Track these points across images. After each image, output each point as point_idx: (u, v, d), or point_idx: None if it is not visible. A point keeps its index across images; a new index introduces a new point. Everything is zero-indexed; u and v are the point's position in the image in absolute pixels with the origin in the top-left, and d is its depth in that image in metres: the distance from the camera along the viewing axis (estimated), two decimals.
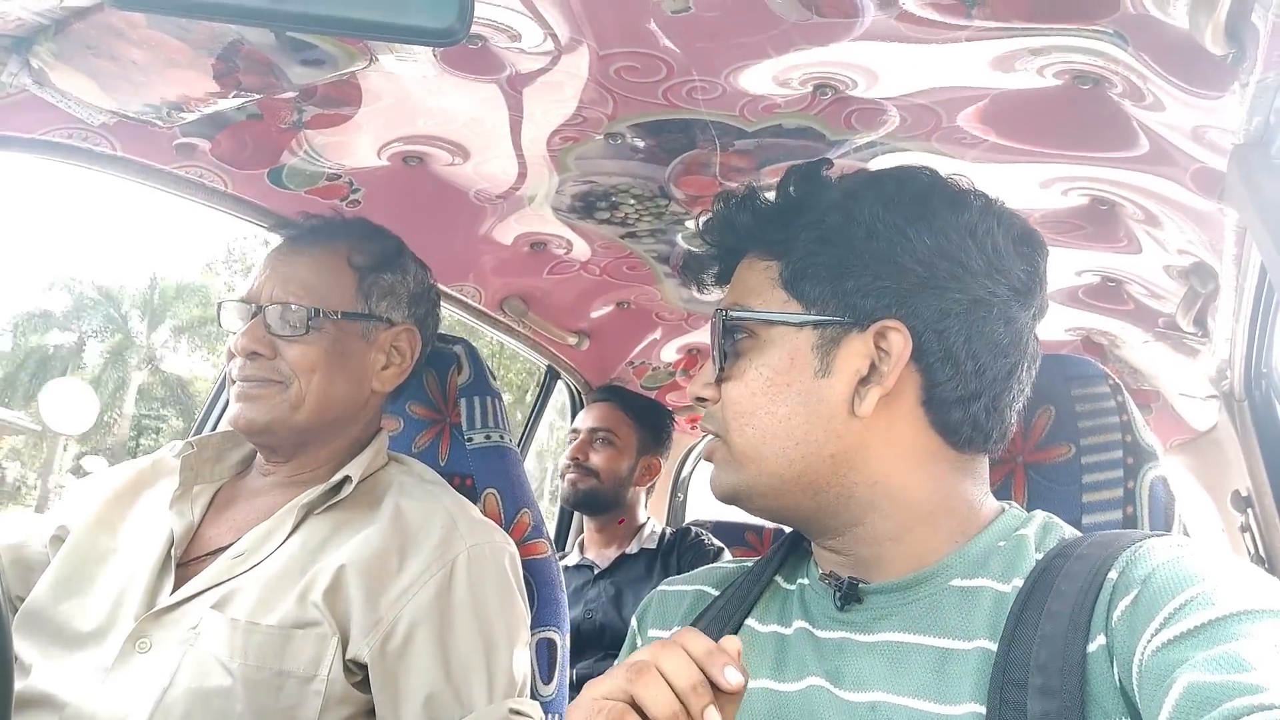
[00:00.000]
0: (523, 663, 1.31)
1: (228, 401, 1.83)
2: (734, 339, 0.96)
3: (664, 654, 0.69)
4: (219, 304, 1.39)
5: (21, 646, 1.20)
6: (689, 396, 1.01)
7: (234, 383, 1.35)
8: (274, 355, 1.32)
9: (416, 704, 1.19)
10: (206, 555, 1.29)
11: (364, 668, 1.20)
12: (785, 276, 0.94)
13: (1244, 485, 1.95)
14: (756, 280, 0.97)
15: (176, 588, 1.23)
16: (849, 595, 0.90)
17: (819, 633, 0.91)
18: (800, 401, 0.91)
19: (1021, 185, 1.53)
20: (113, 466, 1.48)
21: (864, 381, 0.90)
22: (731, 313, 0.96)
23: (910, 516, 0.91)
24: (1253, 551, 1.91)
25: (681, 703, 0.67)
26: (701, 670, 0.68)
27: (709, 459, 1.00)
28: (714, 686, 0.68)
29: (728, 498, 0.97)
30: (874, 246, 0.91)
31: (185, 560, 1.29)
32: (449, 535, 1.30)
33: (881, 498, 0.91)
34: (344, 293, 1.37)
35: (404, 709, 1.19)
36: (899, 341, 0.89)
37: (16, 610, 1.25)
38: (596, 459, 2.66)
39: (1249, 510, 1.93)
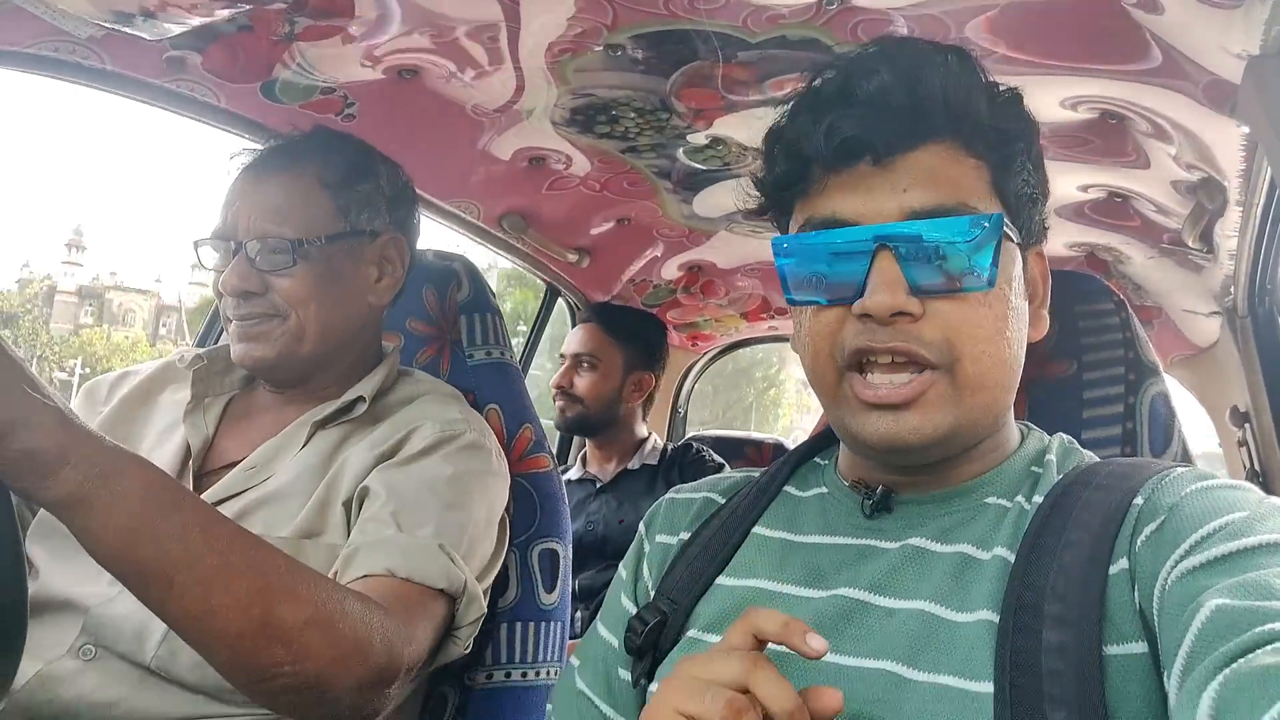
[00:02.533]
0: (484, 540, 1.28)
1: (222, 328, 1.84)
2: (985, 253, 0.82)
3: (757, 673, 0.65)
4: (194, 242, 1.35)
5: (35, 552, 1.21)
6: (881, 310, 0.81)
7: (230, 321, 1.33)
8: (265, 290, 1.30)
9: (354, 531, 1.18)
10: (221, 468, 1.30)
11: None
12: (1005, 191, 0.87)
13: (1243, 401, 1.96)
14: (971, 182, 0.86)
15: None
16: (880, 504, 0.90)
17: (842, 540, 0.91)
18: (1019, 324, 0.88)
19: (1031, 99, 1.49)
20: (125, 369, 1.48)
21: (1031, 301, 0.92)
22: (989, 219, 0.83)
23: (996, 440, 0.91)
24: (1249, 466, 1.93)
25: None
26: (784, 643, 0.67)
27: (899, 401, 0.83)
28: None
29: (931, 444, 0.84)
30: (1043, 181, 0.93)
31: (200, 472, 1.30)
32: (462, 417, 1.32)
33: (1004, 423, 0.92)
34: (323, 214, 1.34)
35: (351, 537, 1.18)
36: (1043, 266, 0.94)
37: (35, 514, 1.25)
38: (580, 384, 2.66)
39: (1247, 425, 1.95)
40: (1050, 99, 1.50)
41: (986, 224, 0.82)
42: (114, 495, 0.86)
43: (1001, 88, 0.90)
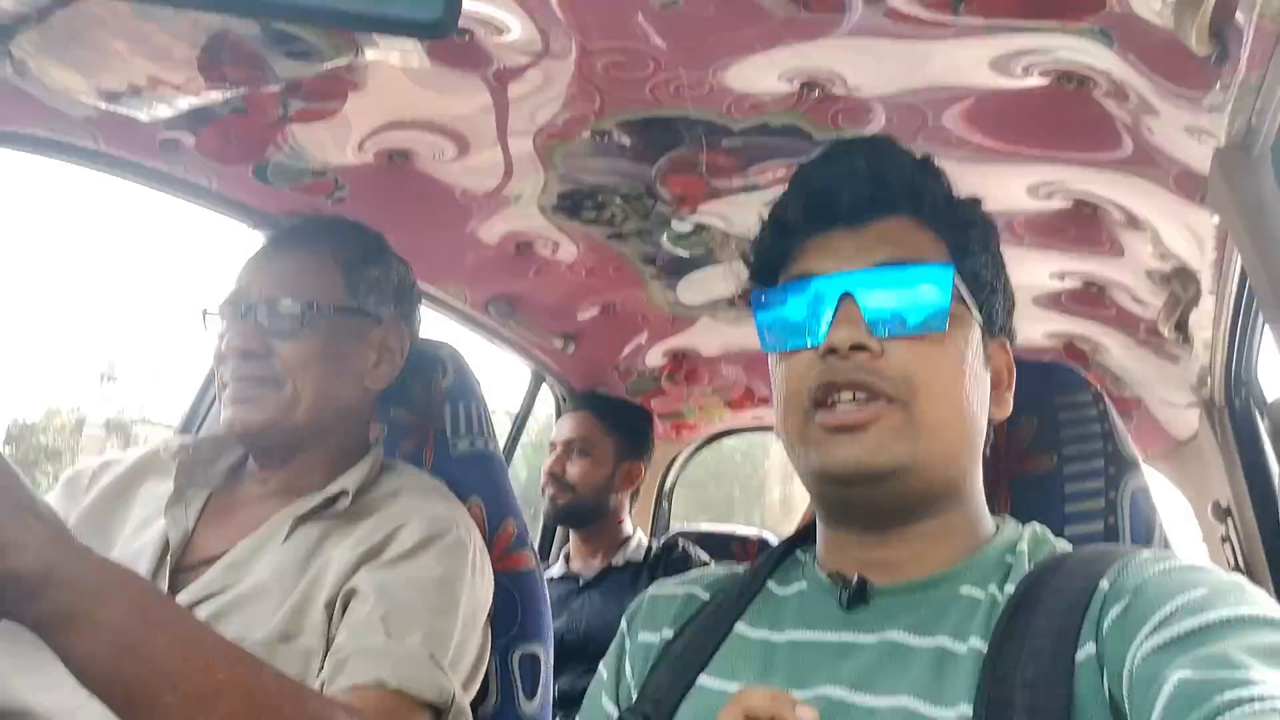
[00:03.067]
0: (471, 644, 1.25)
1: (213, 401, 1.83)
2: (940, 298, 0.90)
3: None
4: (203, 310, 1.36)
5: None
6: (842, 343, 0.88)
7: (225, 386, 1.32)
8: (267, 354, 1.29)
9: (341, 638, 1.15)
10: (199, 564, 1.26)
11: None
12: (962, 267, 0.94)
13: (1224, 495, 1.96)
14: (930, 249, 0.95)
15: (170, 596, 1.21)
16: (857, 595, 0.90)
17: (821, 635, 0.90)
18: (975, 385, 0.93)
19: (1006, 187, 1.54)
20: (105, 459, 1.45)
21: (994, 387, 0.98)
22: (942, 266, 0.93)
23: (965, 517, 0.93)
24: (1232, 563, 1.91)
25: None
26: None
27: (851, 427, 0.88)
28: None
29: (884, 471, 0.87)
30: (1002, 277, 1.01)
31: (179, 568, 1.27)
32: (449, 513, 1.30)
33: (967, 494, 0.94)
34: (334, 288, 1.35)
35: (336, 638, 1.15)
36: (1007, 359, 1.01)
37: None
38: (573, 471, 2.62)
39: (1229, 520, 1.94)
40: (1024, 188, 1.53)
41: (940, 271, 0.91)
42: (100, 615, 0.85)
43: (962, 196, 1.01)
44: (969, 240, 0.97)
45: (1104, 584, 0.79)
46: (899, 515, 0.91)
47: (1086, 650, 0.75)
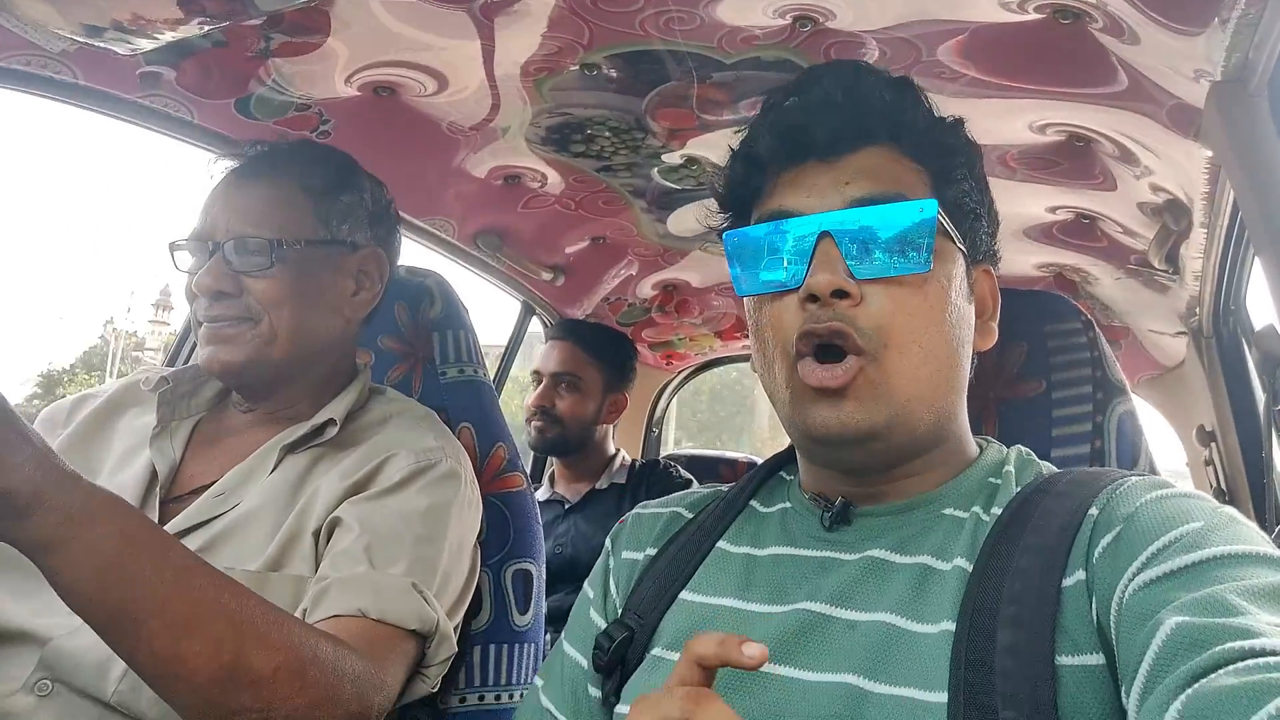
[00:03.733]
0: (458, 572, 1.26)
1: (195, 342, 1.82)
2: (921, 237, 0.86)
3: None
4: (170, 244, 1.32)
5: None
6: (822, 289, 0.85)
7: (200, 324, 1.30)
8: (240, 292, 1.27)
9: (325, 563, 1.15)
10: (189, 494, 1.27)
11: None
12: (944, 196, 0.91)
13: (1209, 420, 1.99)
14: (911, 181, 0.91)
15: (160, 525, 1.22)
16: (839, 517, 0.91)
17: (802, 551, 0.92)
18: (959, 322, 0.91)
19: (1000, 121, 1.52)
20: (81, 393, 1.45)
21: (979, 315, 0.95)
22: (924, 204, 0.87)
23: (947, 450, 0.93)
24: (1215, 485, 1.95)
25: None
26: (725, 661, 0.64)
27: (832, 390, 0.85)
28: None
29: (865, 434, 0.86)
30: (986, 200, 0.97)
31: (167, 499, 1.27)
32: (438, 444, 1.30)
33: (950, 431, 0.93)
34: (303, 220, 1.32)
35: (320, 567, 1.16)
36: (991, 284, 0.98)
37: None
38: (562, 405, 2.63)
39: (1213, 445, 1.97)
40: (1019, 122, 1.52)
41: (921, 210, 0.87)
42: (88, 540, 0.85)
43: (946, 117, 0.96)
44: (952, 167, 0.93)
45: (1093, 510, 0.79)
46: (884, 466, 0.91)
47: (1076, 576, 0.75)
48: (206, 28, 1.31)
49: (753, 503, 1.02)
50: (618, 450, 2.81)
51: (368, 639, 1.08)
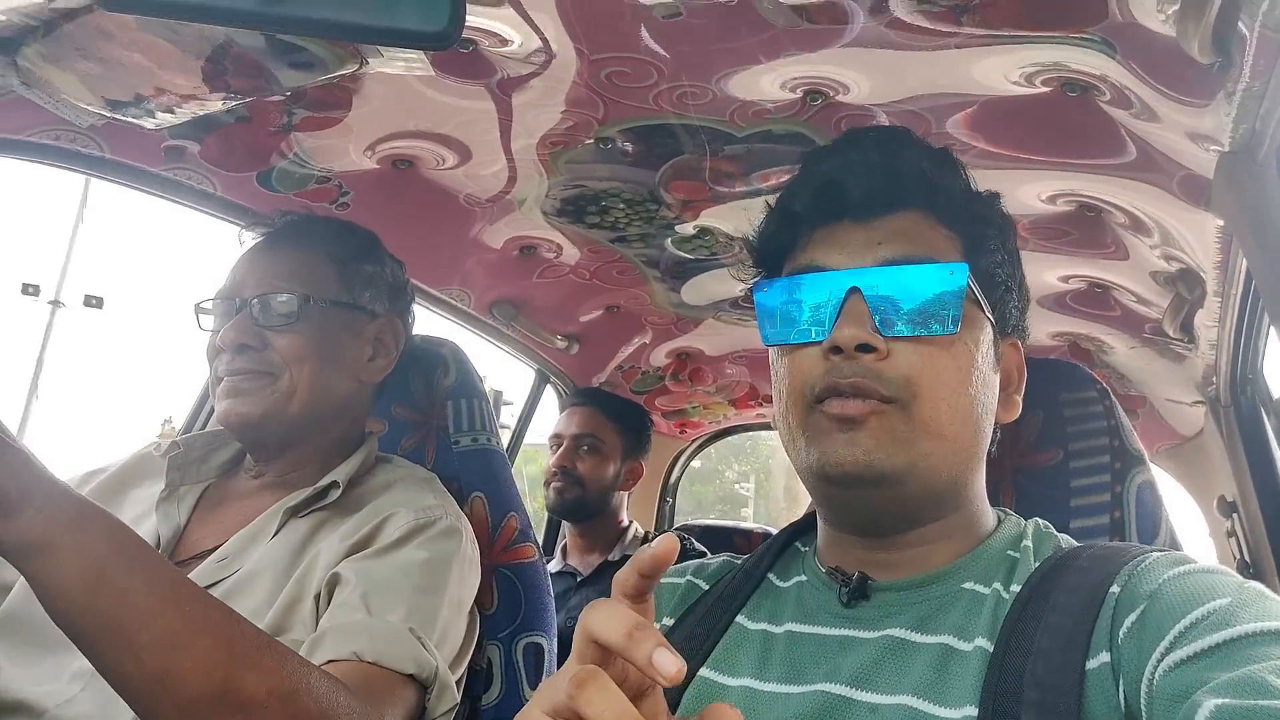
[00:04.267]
0: (455, 628, 1.25)
1: (212, 407, 1.83)
2: (950, 300, 0.87)
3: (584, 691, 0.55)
4: (196, 305, 1.36)
5: None
6: (847, 342, 0.86)
7: (219, 381, 1.32)
8: (262, 347, 1.30)
9: (324, 619, 1.14)
10: (192, 558, 1.27)
11: None
12: (977, 266, 0.91)
13: (1230, 491, 1.96)
14: (944, 246, 0.92)
15: None
16: (857, 592, 0.89)
17: (820, 630, 0.90)
18: (983, 389, 0.91)
19: (1009, 192, 1.53)
20: (91, 467, 1.45)
21: (1004, 388, 0.96)
22: (955, 266, 0.89)
23: (966, 516, 0.92)
24: (1239, 557, 1.92)
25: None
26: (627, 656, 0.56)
27: (852, 421, 0.85)
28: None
29: (882, 476, 0.85)
30: (1017, 275, 0.98)
31: (171, 562, 1.27)
32: (439, 504, 1.30)
33: (968, 496, 0.92)
34: (328, 282, 1.36)
35: (320, 622, 1.14)
36: (1018, 358, 0.98)
37: None
38: (582, 467, 2.64)
39: (1234, 515, 1.94)
40: (1029, 193, 1.53)
41: (952, 272, 0.87)
42: (76, 542, 0.84)
43: (982, 191, 0.97)
44: (985, 237, 0.94)
45: (1115, 588, 0.77)
46: (899, 520, 0.90)
47: (1100, 659, 0.74)
48: (230, 103, 1.35)
49: (770, 575, 1.01)
50: (631, 521, 2.79)
51: (364, 682, 1.06)
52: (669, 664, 0.53)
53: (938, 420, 0.86)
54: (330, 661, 1.07)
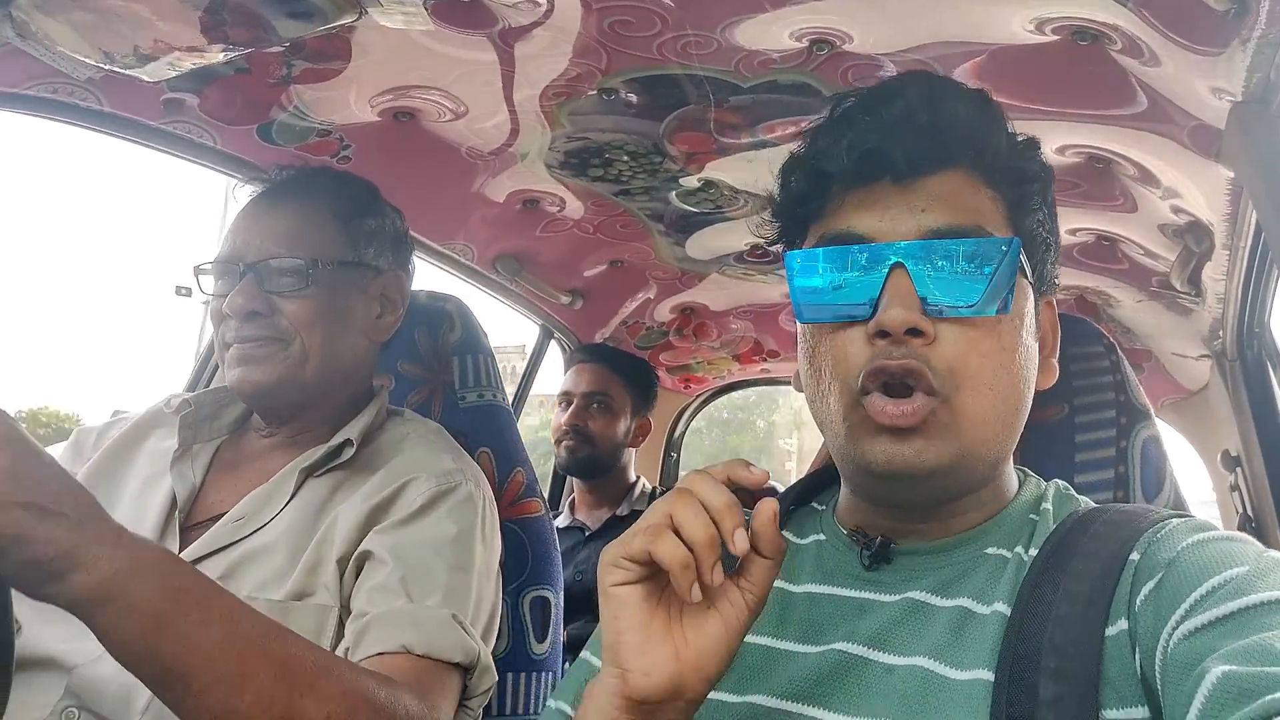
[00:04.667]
0: (488, 597, 1.26)
1: (216, 364, 1.83)
2: (1004, 278, 0.82)
3: (677, 503, 0.71)
4: (195, 268, 1.34)
5: (22, 609, 1.19)
6: (897, 326, 0.80)
7: (228, 346, 1.30)
8: (271, 313, 1.28)
9: (361, 595, 1.15)
10: (208, 519, 1.27)
11: None
12: (1020, 227, 0.87)
13: (1234, 445, 1.96)
14: (989, 211, 0.86)
15: (180, 551, 1.22)
16: (879, 555, 0.88)
17: (840, 590, 0.89)
18: (1028, 363, 0.87)
19: None
20: (112, 418, 1.46)
21: (1040, 350, 0.91)
22: (1007, 242, 0.82)
23: (995, 487, 0.90)
24: (1241, 511, 1.92)
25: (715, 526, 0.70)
26: (729, 478, 0.72)
27: (901, 430, 0.81)
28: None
29: (928, 473, 0.82)
30: (1055, 231, 0.93)
31: (187, 524, 1.27)
32: (455, 467, 1.30)
33: (1002, 470, 0.90)
34: (333, 242, 1.34)
35: (352, 601, 1.16)
36: (1052, 316, 0.94)
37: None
38: (594, 425, 2.65)
39: (1238, 470, 1.95)
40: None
41: (1005, 248, 0.82)
42: (132, 595, 0.85)
43: (1019, 135, 0.91)
44: (1029, 195, 0.88)
45: (1135, 555, 0.76)
46: (938, 503, 0.87)
47: (1118, 626, 0.73)
48: (229, 54, 1.33)
49: (784, 533, 0.98)
50: (638, 477, 2.81)
51: (415, 675, 1.08)
52: (743, 541, 0.70)
53: (981, 410, 0.82)
54: (380, 654, 1.09)
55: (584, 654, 1.03)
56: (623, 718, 0.72)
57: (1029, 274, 0.87)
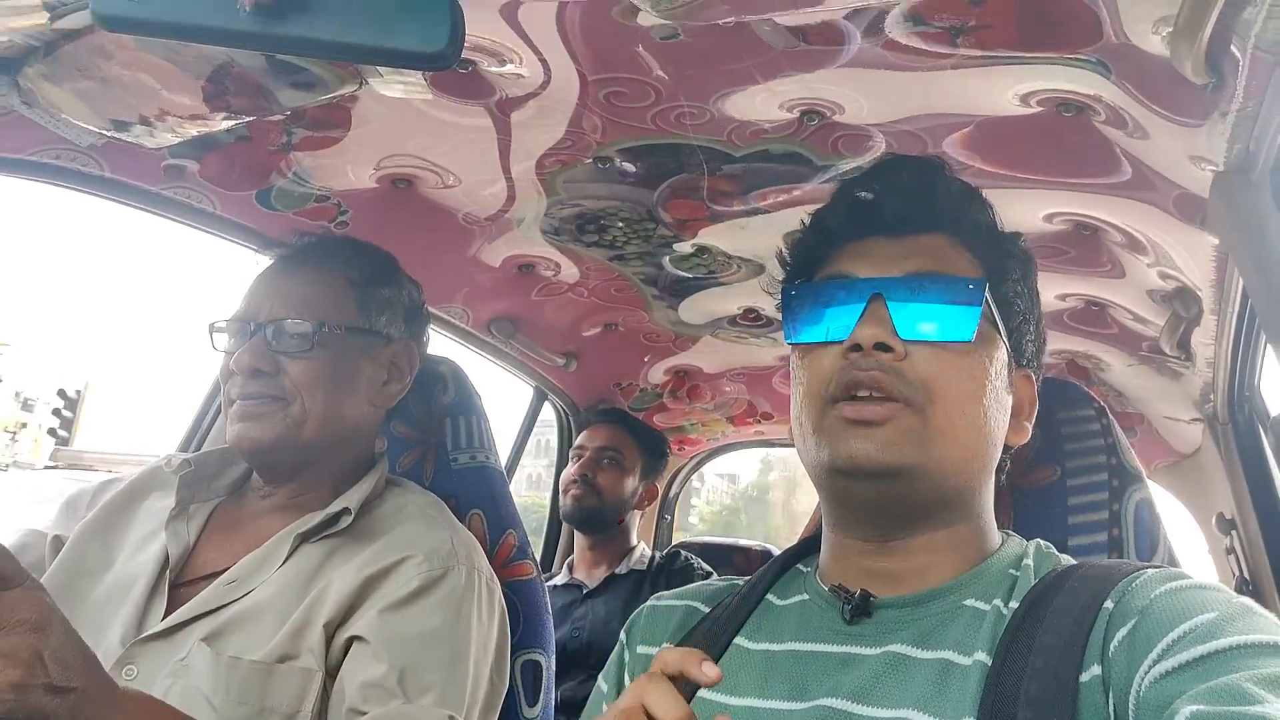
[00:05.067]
0: (481, 689, 1.26)
1: (214, 417, 1.83)
2: (969, 310, 0.91)
3: (649, 688, 0.70)
4: (210, 325, 1.36)
5: None
6: (867, 340, 0.89)
7: (231, 403, 1.31)
8: (276, 372, 1.29)
9: (354, 687, 1.14)
10: (200, 579, 1.26)
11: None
12: (997, 292, 0.95)
13: (1228, 508, 1.96)
14: (966, 267, 0.96)
15: (169, 611, 1.21)
16: (859, 609, 0.90)
17: (822, 647, 0.90)
18: (995, 403, 0.93)
19: (1005, 212, 1.52)
20: (107, 477, 1.46)
21: (1015, 414, 0.98)
22: (987, 288, 0.93)
23: (971, 531, 0.93)
24: (1237, 574, 1.91)
25: None
26: (682, 673, 0.70)
27: (869, 421, 0.87)
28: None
29: (893, 469, 0.87)
30: (1035, 312, 1.02)
31: (179, 583, 1.27)
32: (446, 548, 1.29)
33: (975, 508, 0.94)
34: (345, 307, 1.36)
35: (345, 689, 1.15)
36: (1030, 391, 1.01)
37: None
38: (602, 478, 2.68)
39: (1233, 532, 1.94)
40: (1026, 212, 1.54)
41: (971, 285, 0.91)
42: None
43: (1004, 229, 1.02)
44: (1006, 268, 0.98)
45: (1109, 604, 0.78)
46: (905, 520, 0.91)
47: (1091, 672, 0.75)
48: (231, 122, 1.35)
49: (769, 596, 1.01)
50: (639, 540, 2.81)
51: None
52: (709, 668, 0.70)
53: (952, 426, 0.89)
54: None
55: (599, 682, 1.06)
56: None
57: (1001, 331, 0.95)
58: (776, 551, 3.25)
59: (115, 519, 1.36)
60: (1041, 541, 0.96)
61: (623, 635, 1.07)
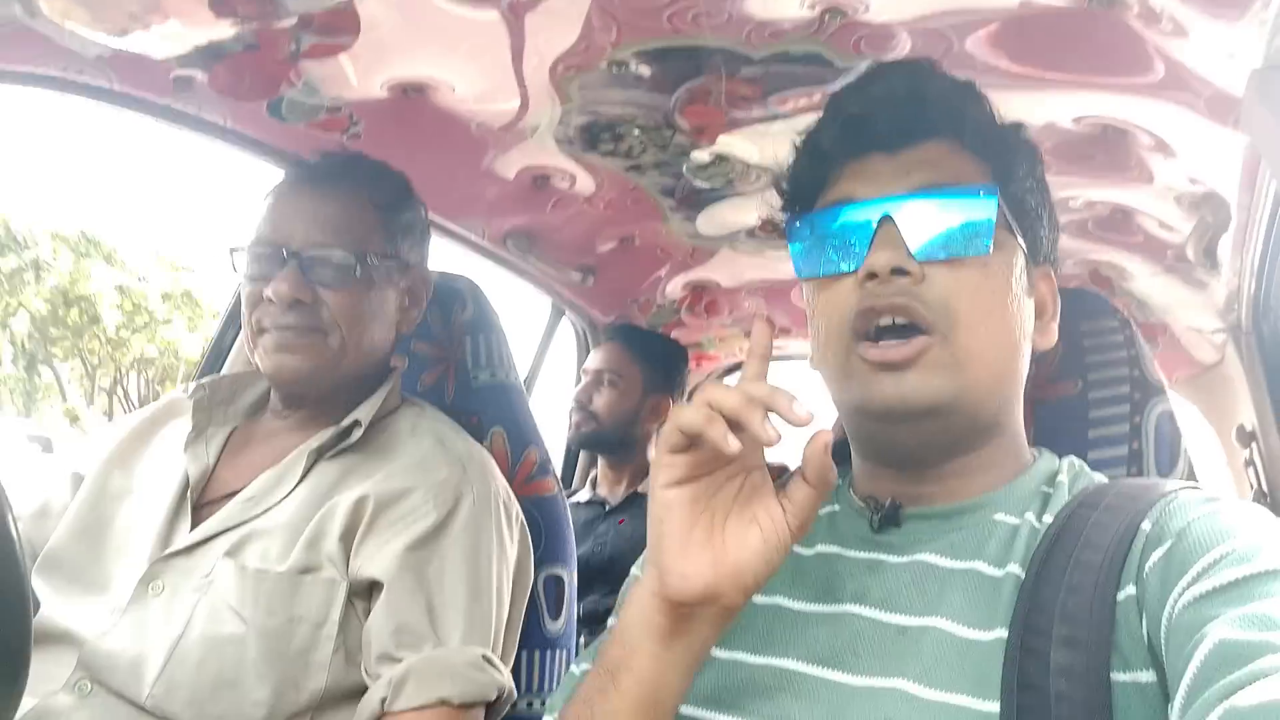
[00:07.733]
0: (504, 613, 1.29)
1: (231, 341, 1.84)
2: (983, 221, 0.88)
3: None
4: (232, 249, 1.34)
5: (39, 585, 1.20)
6: (882, 266, 0.86)
7: (264, 332, 1.31)
8: (314, 302, 1.29)
9: (386, 632, 1.17)
10: (221, 499, 1.29)
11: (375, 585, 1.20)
12: (1007, 192, 0.92)
13: (1249, 420, 1.95)
14: (973, 173, 0.92)
15: (192, 530, 1.24)
16: (888, 518, 0.91)
17: (850, 552, 0.91)
18: (1019, 312, 0.91)
19: (1033, 114, 1.50)
20: (128, 416, 1.47)
21: (1038, 315, 0.96)
22: (986, 188, 0.89)
23: (1003, 449, 0.92)
24: (1255, 486, 1.91)
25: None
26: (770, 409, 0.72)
27: (895, 364, 0.85)
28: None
29: (927, 409, 0.85)
30: (1047, 204, 0.98)
31: (200, 503, 1.29)
32: (456, 477, 1.29)
33: (1007, 425, 0.93)
34: (375, 235, 1.35)
35: (374, 634, 1.17)
36: (1050, 287, 0.99)
37: (36, 557, 1.25)
38: (599, 401, 2.68)
39: (1253, 445, 1.93)
40: (1053, 114, 1.50)
41: (983, 194, 0.88)
42: None
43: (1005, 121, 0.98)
44: (1013, 165, 0.94)
45: (1146, 525, 0.78)
46: (940, 452, 0.90)
47: (1127, 591, 0.75)
48: (237, 29, 1.32)
49: None
50: None
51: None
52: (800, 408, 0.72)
53: (979, 347, 0.86)
54: (419, 708, 1.13)
55: (633, 570, 1.07)
56: (658, 617, 0.76)
57: (1015, 231, 0.92)
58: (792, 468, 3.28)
59: (136, 446, 1.39)
60: (1075, 459, 0.95)
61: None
